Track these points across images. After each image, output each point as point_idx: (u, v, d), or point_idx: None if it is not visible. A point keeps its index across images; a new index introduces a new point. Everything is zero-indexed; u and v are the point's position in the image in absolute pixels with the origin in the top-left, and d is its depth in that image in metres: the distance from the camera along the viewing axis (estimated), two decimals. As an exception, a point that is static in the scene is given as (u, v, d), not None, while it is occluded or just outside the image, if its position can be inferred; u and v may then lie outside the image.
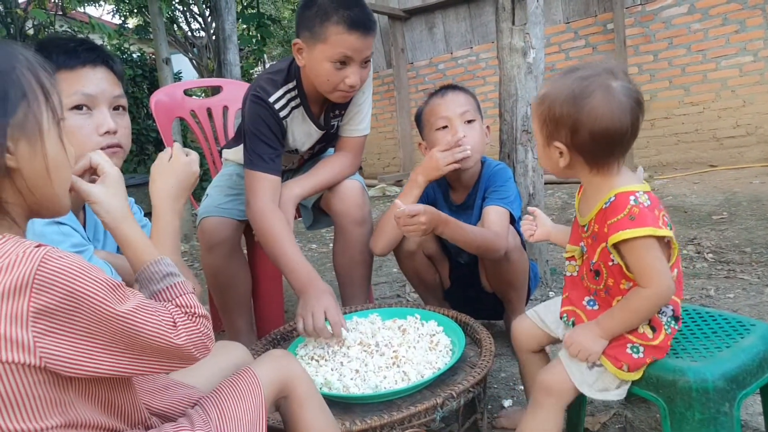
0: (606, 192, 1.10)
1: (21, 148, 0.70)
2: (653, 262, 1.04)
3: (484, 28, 6.26)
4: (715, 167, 4.96)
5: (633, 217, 1.04)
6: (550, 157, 1.15)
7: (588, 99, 1.05)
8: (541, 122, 1.12)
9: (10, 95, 0.69)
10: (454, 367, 1.39)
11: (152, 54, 6.73)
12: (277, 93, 1.76)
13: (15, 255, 0.64)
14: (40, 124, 0.72)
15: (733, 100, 4.98)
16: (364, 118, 1.91)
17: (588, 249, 1.17)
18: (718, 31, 4.96)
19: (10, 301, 0.62)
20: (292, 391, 1.02)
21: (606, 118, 1.05)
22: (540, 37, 2.21)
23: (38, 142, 0.72)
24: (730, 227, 3.10)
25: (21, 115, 0.70)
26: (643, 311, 1.08)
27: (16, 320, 0.62)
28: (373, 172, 7.61)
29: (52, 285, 0.64)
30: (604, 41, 5.49)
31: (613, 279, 1.12)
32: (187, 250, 4.46)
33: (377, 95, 7.39)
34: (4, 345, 0.62)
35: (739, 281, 2.31)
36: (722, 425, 1.03)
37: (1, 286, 0.62)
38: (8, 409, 0.64)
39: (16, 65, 0.71)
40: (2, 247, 0.65)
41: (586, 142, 1.07)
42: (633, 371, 1.10)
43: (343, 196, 1.88)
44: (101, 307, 0.68)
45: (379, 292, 2.82)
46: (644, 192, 1.08)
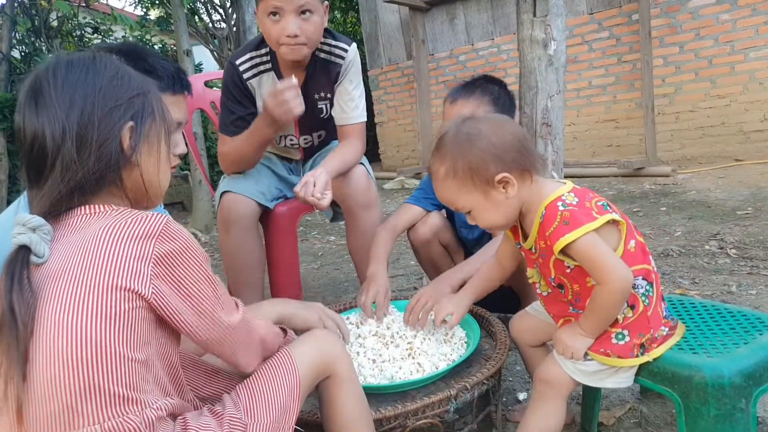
0: (537, 208, 1.14)
1: (144, 149, 0.91)
2: (601, 257, 1.07)
3: (506, 19, 6.19)
4: (741, 161, 4.86)
5: (566, 221, 1.08)
6: (496, 202, 1.16)
7: (481, 133, 1.14)
8: (470, 179, 1.15)
9: (145, 110, 0.92)
10: (469, 359, 1.40)
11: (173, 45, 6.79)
12: (244, 56, 1.90)
13: (146, 215, 0.83)
14: (159, 136, 0.94)
15: (762, 92, 4.86)
16: (357, 105, 1.96)
17: (542, 268, 1.20)
18: (747, 22, 4.83)
19: (140, 243, 0.80)
20: (333, 371, 1.05)
21: (508, 131, 1.16)
22: (561, 28, 2.18)
23: (155, 148, 0.94)
24: (754, 223, 3.04)
25: (148, 125, 0.92)
26: (611, 306, 1.10)
27: (142, 258, 0.79)
28: (392, 165, 7.60)
29: (173, 239, 0.83)
30: (628, 32, 5.39)
31: (578, 284, 1.15)
32: (208, 241, 4.53)
33: (397, 87, 7.38)
34: (129, 275, 0.78)
35: (762, 278, 2.27)
36: (738, 422, 1.03)
37: (136, 231, 0.81)
38: (114, 327, 0.77)
39: (151, 90, 0.95)
40: (131, 211, 0.85)
41: (514, 157, 1.13)
42: (625, 357, 1.11)
43: (349, 181, 1.91)
44: (204, 269, 0.86)
45: (397, 284, 2.83)
46: (569, 192, 1.13)
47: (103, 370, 0.76)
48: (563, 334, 1.17)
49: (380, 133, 7.77)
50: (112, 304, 0.77)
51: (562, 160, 2.25)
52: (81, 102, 0.85)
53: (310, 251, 3.88)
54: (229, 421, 0.87)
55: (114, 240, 0.79)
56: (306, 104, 1.94)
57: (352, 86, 1.94)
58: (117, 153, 0.87)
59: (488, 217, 1.19)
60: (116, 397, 0.77)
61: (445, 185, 1.19)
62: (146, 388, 0.81)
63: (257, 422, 0.90)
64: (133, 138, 0.89)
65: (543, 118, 2.18)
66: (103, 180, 0.86)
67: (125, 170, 0.89)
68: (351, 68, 1.93)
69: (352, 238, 2.01)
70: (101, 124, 0.86)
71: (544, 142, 2.19)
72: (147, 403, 0.80)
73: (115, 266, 0.78)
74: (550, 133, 2.18)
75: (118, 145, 0.87)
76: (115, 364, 0.77)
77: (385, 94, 7.56)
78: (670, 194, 4.17)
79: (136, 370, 0.79)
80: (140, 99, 0.91)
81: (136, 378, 0.79)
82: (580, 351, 1.14)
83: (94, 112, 0.86)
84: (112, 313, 0.77)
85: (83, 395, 0.75)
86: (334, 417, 1.06)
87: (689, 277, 2.39)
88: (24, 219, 0.81)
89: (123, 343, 0.78)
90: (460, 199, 1.18)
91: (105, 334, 0.76)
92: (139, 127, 0.90)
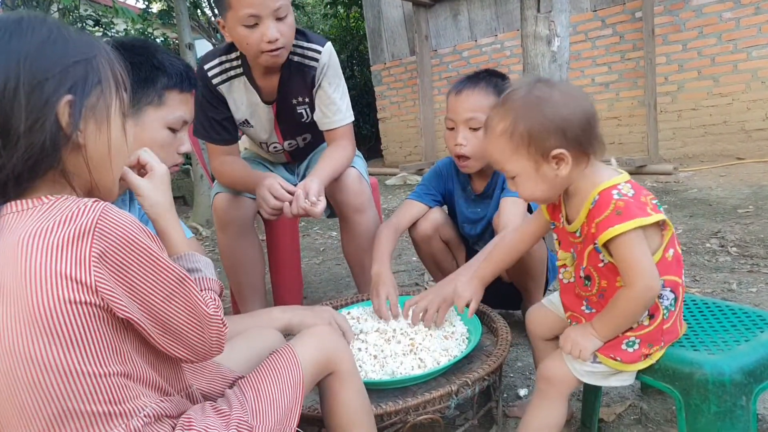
0: (590, 192, 1.09)
1: (89, 127, 0.77)
2: (638, 257, 1.03)
3: (510, 15, 6.17)
4: (743, 160, 4.86)
5: (619, 211, 1.03)
6: (544, 176, 1.11)
7: (552, 100, 1.08)
8: (526, 146, 1.09)
9: (89, 79, 0.77)
10: (470, 355, 1.40)
11: (175, 39, 6.78)
12: (213, 61, 1.84)
13: (77, 208, 0.71)
14: (108, 110, 0.80)
15: (764, 91, 4.85)
16: (339, 108, 1.89)
17: (578, 254, 1.17)
18: (750, 20, 4.82)
19: (74, 246, 0.68)
20: (336, 368, 1.03)
21: (580, 105, 1.09)
22: (565, 25, 2.18)
23: (105, 125, 0.80)
24: (755, 221, 3.04)
25: (94, 98, 0.78)
26: (632, 310, 1.07)
27: (80, 263, 0.68)
28: (395, 161, 7.60)
29: (110, 232, 0.70)
30: (631, 30, 5.38)
31: (606, 280, 1.12)
32: (209, 236, 4.53)
33: (400, 83, 7.37)
34: (70, 285, 0.68)
35: (763, 276, 2.27)
36: (738, 419, 1.03)
37: (66, 233, 0.69)
38: (76, 349, 0.69)
39: (97, 54, 0.80)
40: (64, 202, 0.72)
41: (577, 133, 1.07)
42: (630, 363, 1.11)
43: (341, 186, 1.88)
44: (154, 257, 0.74)
45: (398, 280, 2.83)
46: (626, 182, 1.08)
47: (73, 394, 0.69)
48: (574, 333, 1.14)
49: (383, 129, 7.77)
50: (62, 322, 0.68)
51: (565, 157, 2.25)
52: (2, 75, 0.71)
53: (311, 246, 3.89)
54: (236, 423, 0.84)
55: (45, 248, 0.68)
56: (284, 109, 1.92)
57: (331, 89, 1.86)
58: (54, 133, 0.73)
59: (531, 188, 1.14)
60: (95, 415, 0.71)
61: (498, 143, 1.12)
62: (130, 396, 0.74)
63: (263, 424, 0.87)
64: (73, 114, 0.74)
65: (546, 115, 2.17)
66: (39, 166, 0.74)
67: (67, 153, 0.76)
68: (327, 71, 1.85)
69: (346, 242, 2.00)
70: (30, 101, 0.72)
71: (546, 139, 2.19)
72: (133, 412, 0.74)
73: (54, 279, 0.67)
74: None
75: (54, 124, 0.73)
76: (85, 384, 0.70)
77: (388, 89, 7.55)
78: (671, 192, 4.16)
79: (112, 384, 0.72)
80: (81, 66, 0.77)
81: (114, 391, 0.72)
82: (588, 351, 1.11)
83: (19, 87, 0.71)
84: (66, 331, 0.68)
85: (59, 421, 0.70)
86: (336, 413, 1.05)
87: (690, 274, 2.39)
88: None
89: (89, 361, 0.70)
90: (509, 162, 1.13)
91: (65, 357, 0.69)
92: (80, 100, 0.75)
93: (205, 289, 0.91)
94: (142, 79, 1.24)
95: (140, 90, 1.23)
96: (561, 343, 1.17)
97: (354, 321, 1.59)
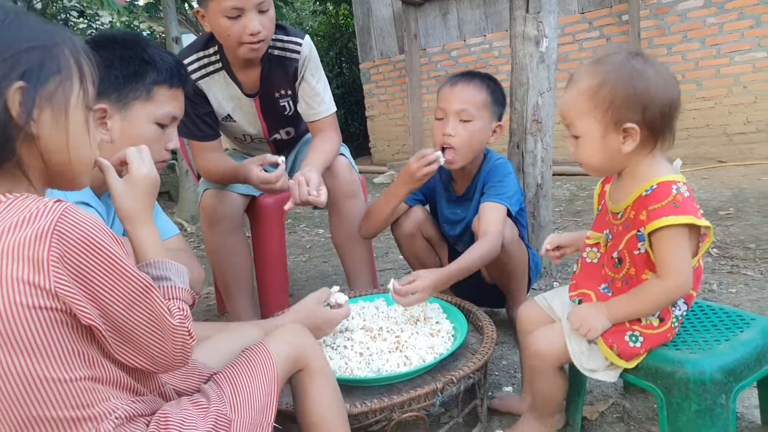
0: (647, 180, 1.10)
1: (44, 117, 0.74)
2: (681, 254, 1.05)
3: (498, 16, 6.20)
4: (724, 163, 4.93)
5: (677, 204, 1.04)
6: (608, 146, 1.11)
7: (645, 76, 1.07)
8: (604, 109, 1.09)
9: (45, 66, 0.74)
10: (456, 353, 1.41)
11: (162, 33, 6.71)
12: (191, 57, 1.82)
13: (36, 208, 0.68)
14: (67, 101, 0.77)
15: (745, 96, 4.93)
16: (323, 99, 1.92)
17: (615, 236, 1.17)
18: (734, 25, 4.89)
19: (31, 249, 0.66)
20: (306, 364, 1.04)
21: (669, 90, 1.09)
22: (553, 26, 2.19)
23: (62, 116, 0.76)
24: (735, 223, 3.09)
25: (51, 87, 0.74)
26: (656, 302, 1.09)
27: (39, 267, 0.66)
28: (382, 159, 7.59)
29: (70, 235, 0.68)
30: (618, 33, 5.43)
31: (635, 268, 1.13)
32: (194, 232, 4.50)
33: (388, 81, 7.36)
34: (28, 290, 0.66)
35: (742, 277, 2.31)
36: (718, 417, 1.05)
37: (23, 235, 0.66)
38: (38, 355, 0.68)
39: (59, 43, 0.77)
40: (23, 202, 0.69)
41: (656, 116, 1.08)
42: (625, 359, 1.12)
43: (332, 173, 1.91)
44: (116, 262, 0.72)
45: (385, 278, 2.83)
46: (683, 183, 1.09)
47: (38, 400, 0.68)
48: (584, 311, 1.15)
49: (371, 127, 7.76)
50: (33, 330, 0.67)
51: (551, 157, 2.27)
52: None
53: (298, 244, 3.87)
54: (215, 416, 0.84)
55: (5, 251, 0.66)
56: (267, 102, 1.92)
57: (314, 81, 1.89)
58: (4, 122, 0.70)
59: (590, 153, 1.15)
60: (63, 421, 0.70)
61: (577, 99, 1.12)
62: (99, 399, 0.73)
63: (241, 417, 0.87)
64: (24, 102, 0.71)
65: (533, 115, 2.19)
66: None
67: (20, 143, 0.72)
68: (309, 63, 1.87)
69: (336, 228, 2.01)
70: None
71: (534, 139, 2.20)
72: (103, 415, 0.73)
73: (19, 285, 0.65)
74: (540, 129, 2.20)
75: (3, 112, 0.70)
76: (49, 390, 0.69)
77: (376, 87, 7.54)
78: (655, 194, 4.21)
79: (79, 388, 0.71)
80: (37, 53, 0.74)
81: (81, 395, 0.71)
82: (596, 331, 1.12)
83: None
84: (37, 339, 0.67)
85: (26, 428, 0.69)
86: (308, 409, 1.05)
87: (672, 275, 2.42)
88: None
89: (52, 367, 0.69)
90: (580, 120, 1.13)
91: (35, 364, 0.68)
92: (34, 88, 0.72)
93: (173, 298, 0.88)
94: (131, 73, 1.22)
95: (129, 84, 1.22)
96: (570, 318, 1.17)
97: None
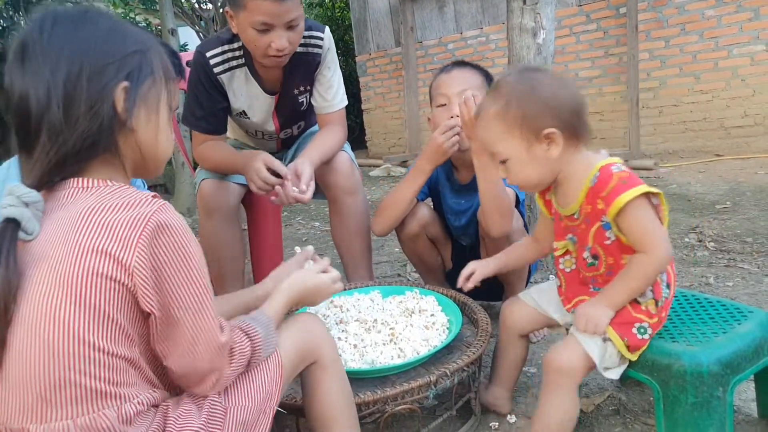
0: (588, 171, 1.12)
1: (140, 114, 0.84)
2: (651, 225, 1.06)
3: (495, 8, 6.16)
4: (721, 156, 4.92)
5: (624, 181, 1.06)
6: (536, 157, 1.13)
7: (544, 83, 1.12)
8: (519, 125, 1.12)
9: (143, 69, 0.85)
10: (450, 346, 1.40)
11: (158, 25, 6.66)
12: (216, 49, 1.80)
13: (138, 198, 0.78)
14: (158, 100, 0.88)
15: (743, 89, 4.92)
16: (336, 92, 1.92)
17: (580, 236, 1.17)
18: (732, 18, 4.87)
19: (126, 230, 0.74)
20: (318, 357, 1.03)
21: (570, 90, 1.13)
22: (551, 17, 2.17)
23: (154, 114, 0.87)
24: (732, 217, 3.09)
25: (146, 87, 0.85)
26: (647, 275, 1.08)
27: (126, 245, 0.74)
28: (379, 152, 7.57)
29: (164, 227, 0.76)
30: (616, 26, 5.40)
31: (613, 257, 1.13)
32: (190, 224, 4.47)
33: (385, 74, 7.32)
34: (109, 262, 0.73)
35: (739, 270, 2.30)
36: (715, 410, 1.04)
37: (123, 216, 0.75)
38: (94, 321, 0.73)
39: (151, 47, 0.87)
40: (125, 190, 0.80)
41: (569, 116, 1.11)
42: (632, 351, 1.11)
43: (332, 167, 1.89)
44: (193, 264, 0.80)
45: (380, 271, 2.83)
46: (621, 163, 1.12)
47: (82, 365, 0.72)
48: (584, 309, 1.13)
49: (367, 120, 7.72)
50: (98, 296, 0.73)
51: (548, 149, 2.26)
52: (68, 59, 0.78)
53: (294, 236, 3.86)
54: (209, 405, 0.85)
55: (100, 223, 0.74)
56: (285, 102, 1.91)
57: (330, 73, 1.90)
58: (110, 116, 0.80)
59: (523, 171, 1.15)
60: (93, 392, 0.74)
61: (491, 125, 1.15)
62: (128, 382, 0.78)
63: (238, 405, 0.88)
64: (128, 100, 0.82)
65: (530, 107, 2.17)
66: (96, 146, 0.80)
67: (121, 136, 0.83)
68: (328, 54, 1.88)
69: (335, 224, 1.99)
70: (91, 84, 0.79)
71: (530, 131, 2.19)
72: (127, 397, 0.77)
73: (101, 255, 0.73)
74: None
75: (111, 108, 0.80)
76: (95, 358, 0.73)
77: (372, 80, 7.50)
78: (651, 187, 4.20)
79: (117, 366, 0.76)
80: (137, 57, 0.84)
81: (116, 373, 0.76)
82: (603, 322, 1.10)
83: (83, 71, 0.78)
84: (98, 305, 0.73)
85: (59, 388, 0.72)
86: (317, 402, 1.05)
87: (669, 268, 2.42)
88: (18, 191, 0.75)
89: (106, 338, 0.74)
90: (502, 143, 1.14)
91: (88, 327, 0.73)
92: (135, 88, 0.83)
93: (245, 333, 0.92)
94: None
95: None
96: (575, 322, 1.15)
97: (336, 309, 1.58)
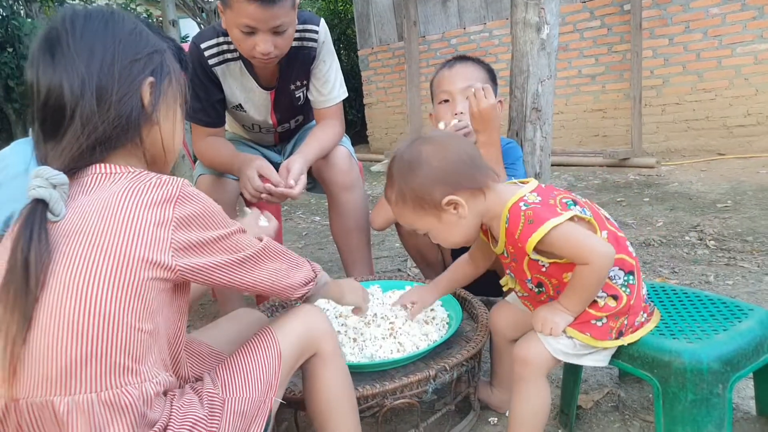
0: (500, 214, 1.14)
1: (162, 108, 0.90)
2: (577, 239, 1.07)
3: (499, 4, 6.14)
4: (723, 155, 4.91)
5: (531, 221, 1.08)
6: (450, 223, 1.16)
7: (422, 158, 1.14)
8: (419, 205, 1.15)
9: (164, 67, 0.90)
10: (450, 341, 1.40)
11: (159, 17, 6.63)
12: (211, 41, 1.78)
13: (163, 179, 0.82)
14: (175, 96, 0.94)
15: (746, 88, 4.90)
16: (333, 86, 1.89)
17: (516, 272, 1.20)
18: (736, 16, 4.85)
19: (159, 209, 0.79)
20: (318, 348, 1.04)
21: (450, 150, 1.14)
22: (555, 13, 2.16)
23: (172, 109, 0.93)
24: (733, 215, 3.08)
25: (166, 84, 0.91)
26: (595, 283, 1.10)
27: (162, 225, 0.79)
28: (380, 147, 7.56)
29: (191, 201, 0.82)
30: (620, 22, 5.38)
31: (556, 278, 1.15)
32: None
33: (387, 68, 7.31)
34: (148, 244, 0.77)
35: (739, 269, 2.30)
36: (714, 407, 1.04)
37: (154, 196, 0.79)
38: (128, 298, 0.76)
39: (168, 49, 0.93)
40: (147, 175, 0.83)
41: (458, 177, 1.13)
42: (601, 339, 1.12)
43: (330, 163, 1.88)
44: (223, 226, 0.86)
45: (380, 266, 2.83)
46: (530, 191, 1.13)
47: (108, 339, 0.74)
48: (543, 310, 1.16)
49: (369, 115, 7.71)
50: (127, 274, 0.75)
51: (550, 146, 2.25)
52: (101, 53, 0.83)
53: (294, 230, 3.86)
54: (207, 396, 0.86)
55: (133, 206, 0.78)
56: (282, 95, 1.89)
57: (326, 67, 1.86)
58: (138, 108, 0.85)
59: (447, 237, 1.20)
60: (117, 366, 0.75)
61: (398, 210, 1.20)
62: (149, 360, 0.79)
63: (236, 396, 0.88)
64: (153, 94, 0.87)
65: (533, 103, 2.16)
66: (124, 135, 0.85)
67: (145, 128, 0.88)
68: (323, 48, 1.84)
69: (334, 220, 1.98)
70: (121, 77, 0.84)
71: (533, 127, 2.18)
72: (148, 376, 0.78)
73: (134, 235, 0.76)
74: (540, 118, 2.17)
75: (138, 100, 0.86)
76: (121, 333, 0.75)
77: (374, 74, 7.48)
78: (653, 185, 4.20)
79: (141, 341, 0.77)
80: (159, 56, 0.89)
81: (140, 349, 0.77)
82: (559, 326, 1.13)
83: (114, 64, 0.83)
84: (127, 282, 0.75)
85: (84, 361, 0.73)
86: (318, 395, 1.05)
87: (669, 266, 2.41)
88: (46, 173, 0.77)
89: (132, 313, 0.76)
90: (416, 222, 1.20)
91: (116, 303, 0.74)
92: (158, 84, 0.88)
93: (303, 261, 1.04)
94: None
95: None
96: (533, 323, 1.18)
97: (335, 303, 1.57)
